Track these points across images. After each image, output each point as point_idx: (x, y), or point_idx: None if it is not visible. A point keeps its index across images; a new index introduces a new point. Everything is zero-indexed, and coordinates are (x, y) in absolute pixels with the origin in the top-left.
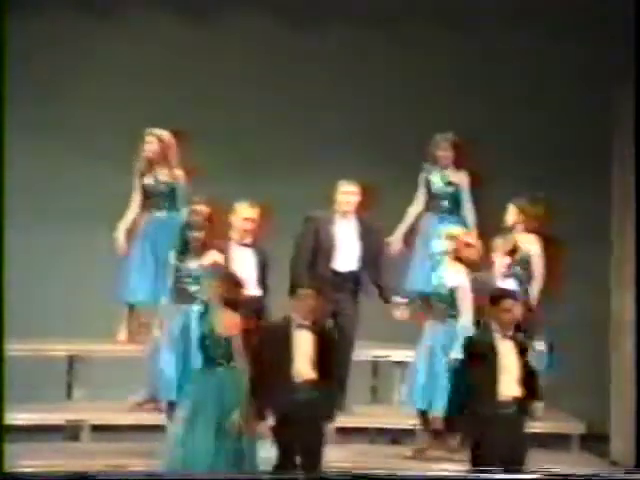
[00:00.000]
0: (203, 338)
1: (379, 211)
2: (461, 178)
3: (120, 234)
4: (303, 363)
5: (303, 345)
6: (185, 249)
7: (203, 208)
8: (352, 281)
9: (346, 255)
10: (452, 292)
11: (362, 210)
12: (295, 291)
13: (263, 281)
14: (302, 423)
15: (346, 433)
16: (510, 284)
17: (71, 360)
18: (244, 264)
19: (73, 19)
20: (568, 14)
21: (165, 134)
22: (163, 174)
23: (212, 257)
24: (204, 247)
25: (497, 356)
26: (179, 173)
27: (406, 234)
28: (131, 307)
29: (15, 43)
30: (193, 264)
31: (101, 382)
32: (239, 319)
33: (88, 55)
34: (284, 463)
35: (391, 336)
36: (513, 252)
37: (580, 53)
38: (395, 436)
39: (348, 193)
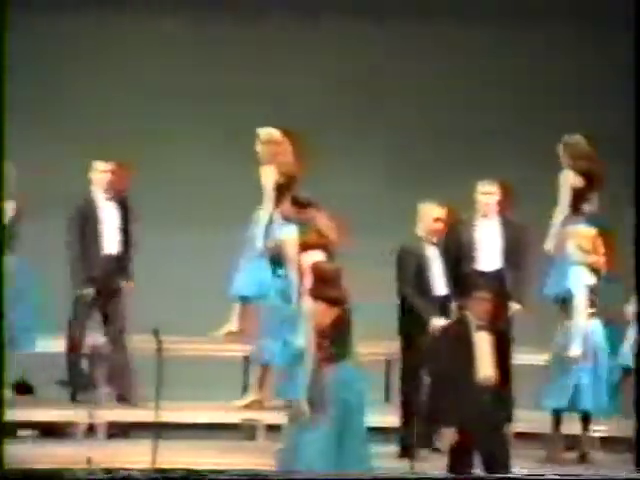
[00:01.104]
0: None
1: (523, 211)
2: (563, 179)
3: None
4: (486, 365)
5: (484, 347)
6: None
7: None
8: (499, 281)
9: (489, 254)
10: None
11: (505, 209)
12: (470, 293)
13: (449, 278)
14: (484, 427)
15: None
16: None
17: (247, 360)
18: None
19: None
20: None
21: (266, 133)
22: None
23: (313, 256)
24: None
25: None
26: (266, 174)
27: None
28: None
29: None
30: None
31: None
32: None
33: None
34: (460, 468)
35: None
36: None
37: None
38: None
39: (487, 193)
